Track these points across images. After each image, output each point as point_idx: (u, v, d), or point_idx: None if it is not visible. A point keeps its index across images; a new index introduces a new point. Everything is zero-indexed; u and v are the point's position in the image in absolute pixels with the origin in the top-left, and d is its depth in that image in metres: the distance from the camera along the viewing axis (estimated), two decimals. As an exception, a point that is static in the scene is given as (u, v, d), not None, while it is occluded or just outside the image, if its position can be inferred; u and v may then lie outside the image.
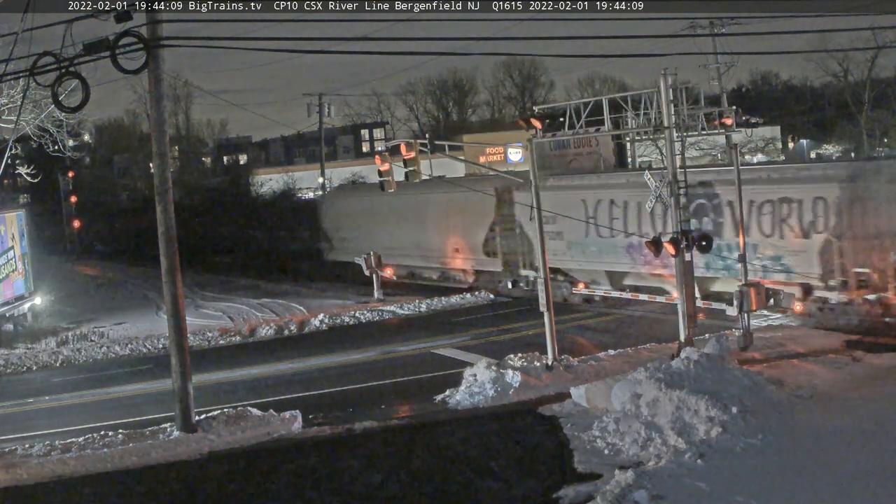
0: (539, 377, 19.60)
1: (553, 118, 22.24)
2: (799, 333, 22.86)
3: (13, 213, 35.41)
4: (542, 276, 20.79)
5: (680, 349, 19.20)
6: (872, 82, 62.74)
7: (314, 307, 33.21)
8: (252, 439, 17.38)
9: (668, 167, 20.16)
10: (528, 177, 20.82)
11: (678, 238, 19.77)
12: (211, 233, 55.80)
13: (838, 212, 22.12)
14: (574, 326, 26.45)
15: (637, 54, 64.76)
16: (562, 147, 32.64)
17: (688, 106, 22.55)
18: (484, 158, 62.78)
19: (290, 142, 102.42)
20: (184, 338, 17.91)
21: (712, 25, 44.93)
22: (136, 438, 17.29)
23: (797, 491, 12.71)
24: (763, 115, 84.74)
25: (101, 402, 22.26)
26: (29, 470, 16.12)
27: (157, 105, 17.66)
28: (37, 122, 28.70)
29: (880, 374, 18.24)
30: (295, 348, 27.13)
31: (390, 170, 21.99)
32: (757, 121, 78.97)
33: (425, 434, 17.16)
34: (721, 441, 14.59)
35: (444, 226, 36.10)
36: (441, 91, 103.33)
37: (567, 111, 24.12)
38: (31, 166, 38.58)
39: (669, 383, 16.22)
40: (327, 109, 64.56)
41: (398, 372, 22.68)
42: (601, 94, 57.97)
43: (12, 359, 27.76)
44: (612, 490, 12.95)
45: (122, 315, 35.48)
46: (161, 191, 17.62)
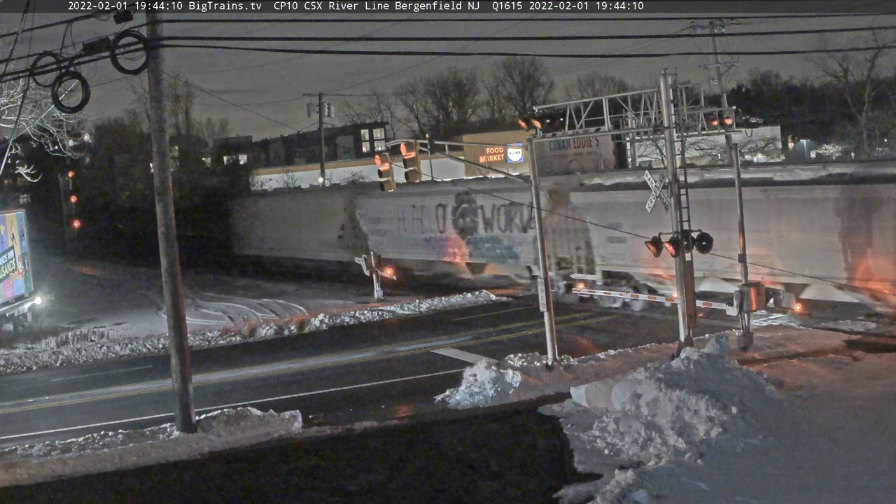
0: (539, 377, 19.60)
1: (553, 118, 22.21)
2: (799, 333, 22.89)
3: (13, 213, 35.39)
4: (542, 276, 20.79)
5: (680, 349, 19.20)
6: (872, 82, 62.75)
7: (314, 307, 33.23)
8: (252, 439, 17.39)
9: (668, 167, 20.17)
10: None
11: (678, 238, 19.78)
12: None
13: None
14: (574, 326, 26.46)
15: (637, 54, 64.91)
16: (562, 147, 32.69)
17: (688, 106, 22.59)
18: (484, 158, 62.79)
19: (290, 142, 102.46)
20: (184, 338, 17.91)
21: (712, 25, 44.94)
22: (136, 438, 17.29)
23: (797, 491, 12.71)
24: (763, 115, 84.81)
25: (101, 402, 22.26)
26: (29, 470, 16.12)
27: (157, 105, 17.65)
28: (37, 122, 28.69)
29: (880, 374, 18.24)
30: (295, 348, 27.14)
31: (390, 170, 21.99)
32: (757, 121, 79.04)
33: (425, 434, 17.16)
34: (721, 441, 14.58)
35: (314, 226, 45.51)
36: (441, 91, 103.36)
37: (567, 111, 24.15)
38: (31, 166, 38.57)
39: (669, 383, 16.22)
40: (327, 109, 64.62)
41: (398, 372, 22.68)
42: (601, 94, 58.10)
43: (12, 359, 27.75)
44: (612, 490, 12.95)
45: (122, 315, 35.49)
46: (161, 191, 17.62)
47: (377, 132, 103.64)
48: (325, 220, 44.36)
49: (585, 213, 28.82)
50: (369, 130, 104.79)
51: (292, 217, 47.99)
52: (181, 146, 75.48)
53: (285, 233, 48.58)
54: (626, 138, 32.07)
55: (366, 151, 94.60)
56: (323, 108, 64.16)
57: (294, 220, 47.71)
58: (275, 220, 49.86)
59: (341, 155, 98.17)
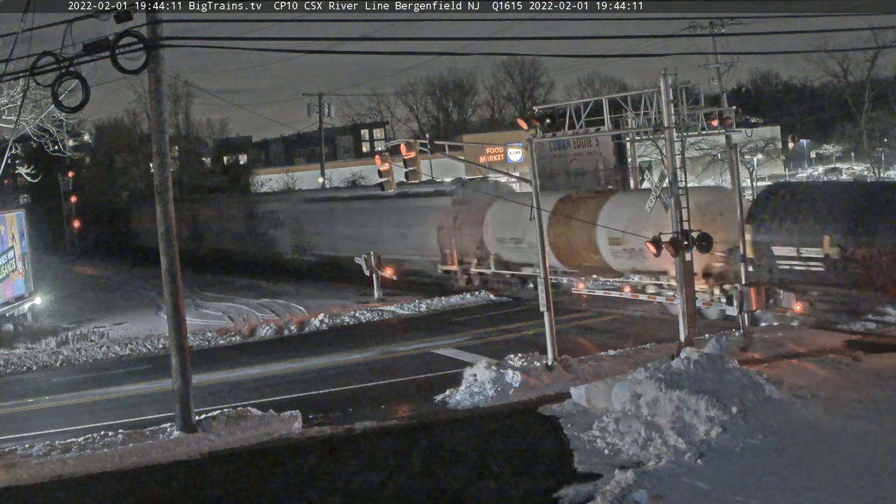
0: (539, 377, 19.59)
1: (553, 118, 22.18)
2: (799, 333, 22.87)
3: (13, 213, 35.40)
4: (543, 276, 20.78)
5: (680, 349, 19.19)
6: (872, 82, 62.72)
7: (314, 307, 33.22)
8: (252, 439, 17.38)
9: (668, 167, 20.17)
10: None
11: (678, 238, 19.79)
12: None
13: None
14: (574, 326, 26.46)
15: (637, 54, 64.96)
16: (562, 147, 32.68)
17: (688, 106, 22.54)
18: (484, 158, 62.77)
19: (290, 142, 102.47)
20: (184, 338, 17.90)
21: (712, 25, 44.94)
22: (136, 438, 17.29)
23: (797, 491, 12.72)
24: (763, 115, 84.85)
25: (101, 402, 22.26)
26: (29, 470, 16.11)
27: (157, 105, 17.65)
28: (37, 122, 28.68)
29: (880, 374, 18.23)
30: (295, 348, 27.13)
31: (390, 170, 22.00)
32: (757, 121, 79.07)
33: (425, 434, 17.15)
34: (721, 441, 14.58)
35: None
36: (441, 91, 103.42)
37: (567, 111, 24.09)
38: (31, 166, 38.59)
39: (669, 383, 16.21)
40: (327, 109, 64.62)
41: (398, 372, 22.68)
42: (601, 94, 58.06)
43: (12, 359, 27.75)
44: (612, 490, 12.95)
45: (122, 315, 35.48)
46: (161, 191, 17.62)
47: (377, 132, 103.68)
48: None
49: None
50: (369, 130, 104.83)
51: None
52: (181, 146, 75.49)
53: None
54: (626, 138, 32.03)
55: (366, 151, 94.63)
56: (323, 108, 64.16)
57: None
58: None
59: (341, 155, 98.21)
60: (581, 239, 28.73)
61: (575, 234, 28.75)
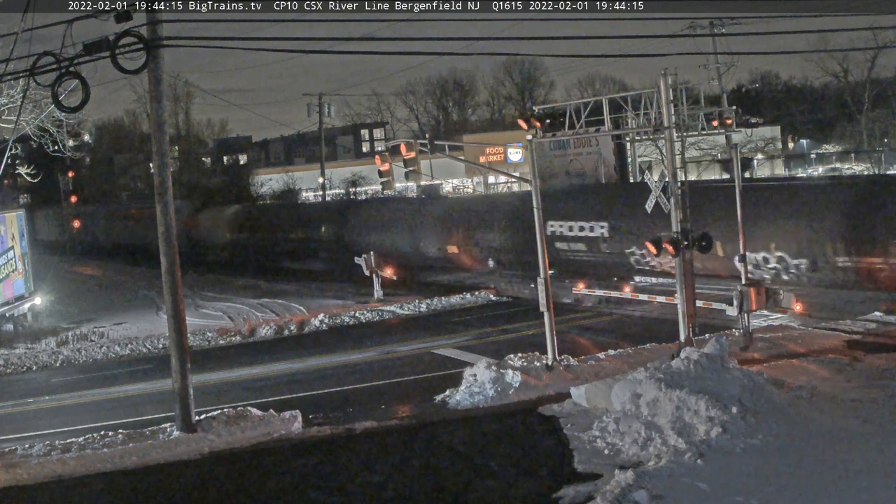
0: (539, 377, 19.60)
1: (553, 118, 22.17)
2: (799, 333, 22.88)
3: (13, 213, 35.38)
4: (542, 276, 20.78)
5: (680, 349, 19.18)
6: (872, 82, 62.81)
7: (314, 307, 33.22)
8: (252, 439, 17.38)
9: (668, 167, 20.16)
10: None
11: (678, 238, 19.77)
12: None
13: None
14: (574, 326, 26.46)
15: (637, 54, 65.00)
16: (562, 147, 32.70)
17: (688, 106, 22.56)
18: (484, 158, 62.80)
19: (290, 142, 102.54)
20: (184, 338, 17.90)
21: (712, 25, 45.01)
22: (136, 438, 17.29)
23: (797, 491, 12.71)
24: (763, 115, 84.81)
25: (101, 402, 22.26)
26: (29, 470, 16.12)
27: (157, 105, 17.65)
28: (37, 122, 28.69)
29: (881, 375, 18.24)
30: (295, 348, 27.14)
31: (390, 170, 22.00)
32: (757, 121, 79.05)
33: (425, 434, 17.15)
34: (721, 441, 14.58)
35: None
36: (441, 91, 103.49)
37: (567, 111, 24.08)
38: (31, 166, 38.64)
39: (669, 383, 16.21)
40: (327, 109, 64.68)
41: (398, 372, 22.69)
42: (601, 94, 58.10)
43: (12, 359, 27.74)
44: (612, 490, 12.94)
45: (122, 315, 35.47)
46: (161, 191, 17.62)
47: (377, 132, 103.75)
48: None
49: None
50: (369, 130, 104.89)
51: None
52: (181, 146, 75.52)
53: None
54: (626, 138, 32.06)
55: (366, 151, 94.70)
56: (323, 108, 64.21)
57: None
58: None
59: (341, 155, 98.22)
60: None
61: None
